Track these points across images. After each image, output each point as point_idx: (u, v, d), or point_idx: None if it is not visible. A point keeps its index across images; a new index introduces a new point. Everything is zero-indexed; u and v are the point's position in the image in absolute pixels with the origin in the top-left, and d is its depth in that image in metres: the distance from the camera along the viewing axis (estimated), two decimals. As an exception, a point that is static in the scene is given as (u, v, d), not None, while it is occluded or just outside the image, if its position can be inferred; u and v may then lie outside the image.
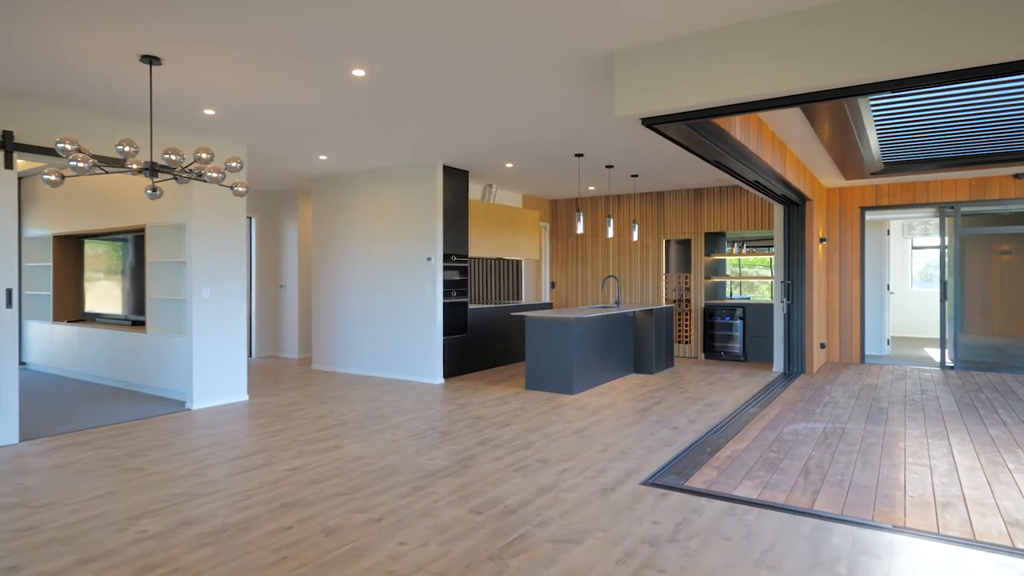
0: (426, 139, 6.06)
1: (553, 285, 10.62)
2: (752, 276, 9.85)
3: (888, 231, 9.27)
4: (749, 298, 9.89)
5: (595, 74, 4.12)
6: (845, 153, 6.43)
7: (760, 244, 9.54)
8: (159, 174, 4.09)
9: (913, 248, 12.28)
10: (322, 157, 6.91)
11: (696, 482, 3.66)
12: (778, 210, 7.94)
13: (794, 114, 5.07)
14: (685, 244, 9.43)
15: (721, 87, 3.38)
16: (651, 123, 3.81)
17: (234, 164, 3.89)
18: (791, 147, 6.19)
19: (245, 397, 6.18)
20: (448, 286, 7.40)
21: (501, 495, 3.45)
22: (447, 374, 7.45)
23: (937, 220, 10.37)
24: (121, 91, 4.49)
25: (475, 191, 8.88)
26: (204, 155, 3.80)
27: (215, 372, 5.89)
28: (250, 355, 9.63)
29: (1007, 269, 8.14)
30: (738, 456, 4.21)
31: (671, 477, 3.76)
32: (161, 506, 3.30)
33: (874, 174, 7.56)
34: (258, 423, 5.18)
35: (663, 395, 6.36)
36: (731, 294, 10.12)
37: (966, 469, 3.92)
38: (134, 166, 3.67)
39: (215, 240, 5.88)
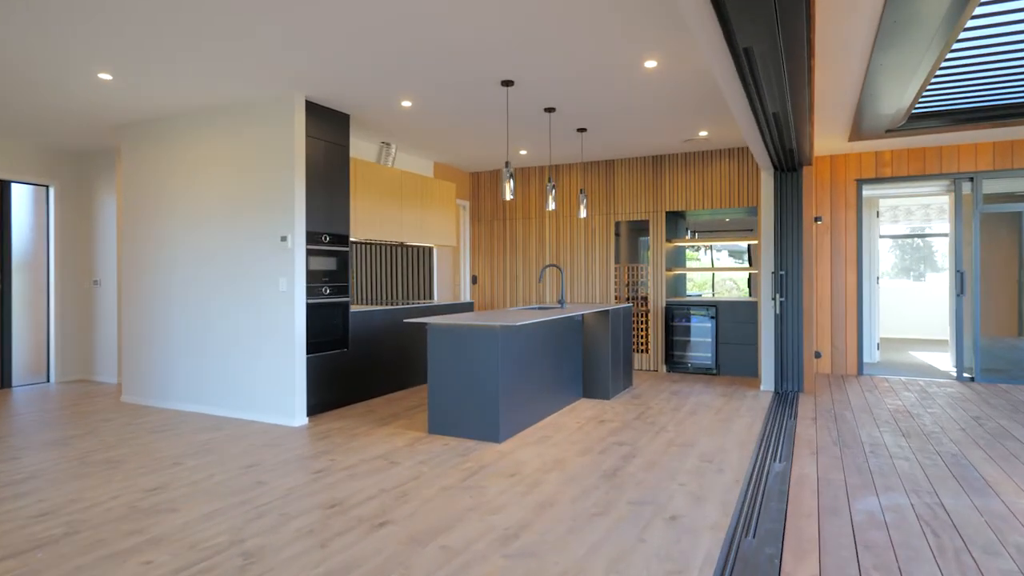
0: (273, 47, 3.68)
1: (475, 280, 8.40)
2: (728, 267, 8.01)
3: (878, 212, 7.67)
4: (710, 295, 8.05)
5: None
6: (878, 94, 4.58)
7: (730, 230, 7.70)
8: None
9: (880, 236, 10.93)
10: (104, 76, 4.37)
11: None
12: (766, 180, 6.08)
13: (872, 13, 3.08)
14: (640, 227, 7.46)
15: None
16: None
17: None
18: (826, 74, 4.25)
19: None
20: (317, 279, 5.03)
21: None
22: (315, 409, 5.08)
23: (945, 199, 8.99)
24: None
25: (366, 150, 6.53)
26: None
27: None
28: (47, 379, 6.83)
29: (1028, 257, 6.66)
30: (819, 601, 2.15)
31: None
32: None
33: (890, 131, 5.81)
34: None
35: (632, 439, 4.29)
36: (698, 290, 8.26)
37: None
38: None
39: None
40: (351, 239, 5.83)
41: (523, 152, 7.10)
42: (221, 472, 3.64)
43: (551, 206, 5.23)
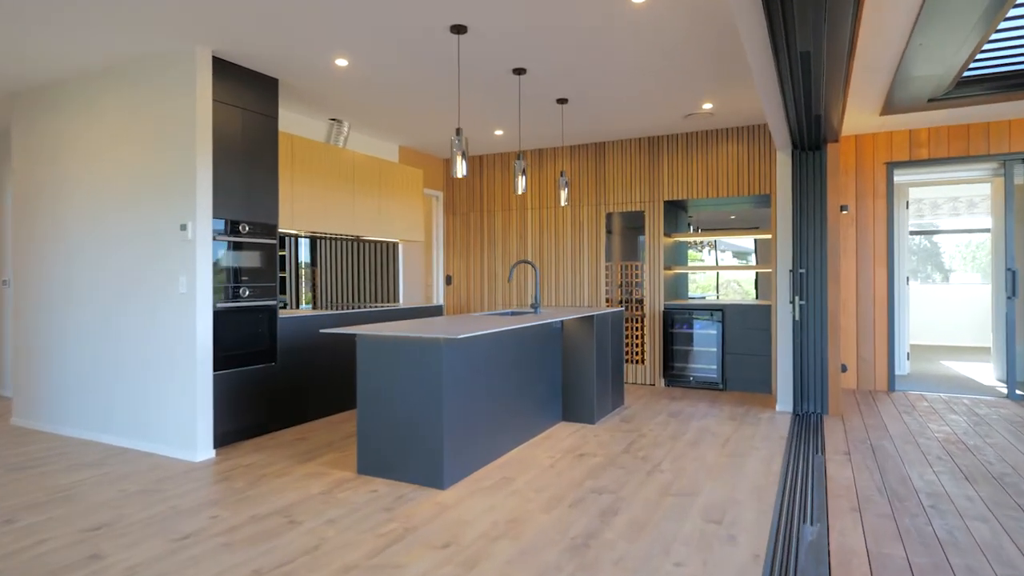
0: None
1: (449, 280, 7.44)
2: (736, 267, 7.04)
3: (907, 203, 6.69)
4: (714, 297, 7.09)
5: None
6: (927, 48, 3.62)
7: (737, 228, 6.74)
8: None
9: (910, 232, 9.93)
10: (-55, 20, 3.44)
11: None
12: (782, 161, 5.11)
13: None
14: (635, 220, 6.50)
15: None
16: None
17: None
18: (864, 24, 3.28)
19: None
20: (233, 279, 4.08)
21: None
22: (229, 438, 4.12)
23: (981, 189, 8.04)
24: None
25: (313, 129, 5.59)
26: None
27: None
28: (-54, 395, 5.90)
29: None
30: None
31: None
32: None
33: (933, 101, 4.84)
34: None
35: (617, 483, 3.32)
36: (702, 292, 7.30)
37: None
38: None
39: None
40: (282, 230, 4.89)
41: (498, 132, 6.15)
42: (56, 536, 2.69)
43: (520, 188, 4.28)
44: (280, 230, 4.82)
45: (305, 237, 5.60)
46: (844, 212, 5.95)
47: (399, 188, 6.08)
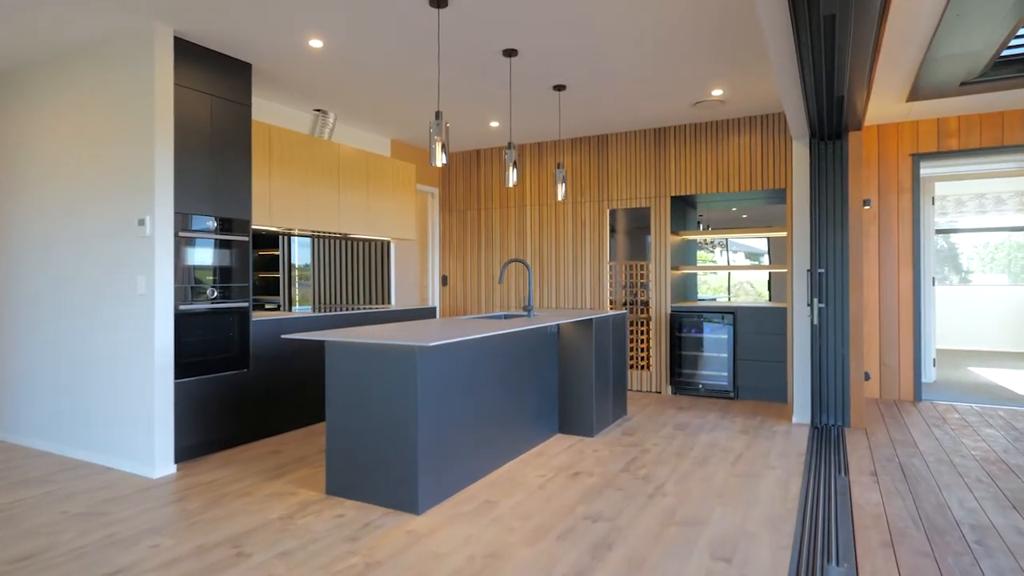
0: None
1: (445, 281, 7.10)
2: (749, 266, 6.63)
3: (933, 199, 6.24)
4: (726, 299, 6.68)
5: None
6: (964, 20, 3.22)
7: (748, 226, 6.34)
8: None
9: (936, 231, 9.45)
10: None
11: None
12: (799, 152, 4.71)
13: None
14: (641, 217, 6.11)
15: None
16: None
17: None
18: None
19: None
20: (198, 278, 3.76)
21: None
22: (195, 451, 3.79)
23: (1012, 184, 7.58)
24: None
25: (297, 120, 5.26)
26: None
27: None
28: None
29: None
30: None
31: None
32: None
33: (966, 84, 4.43)
34: None
35: (614, 509, 2.95)
36: (712, 293, 6.89)
37: None
38: None
39: None
40: (267, 228, 4.56)
41: (494, 124, 5.79)
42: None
43: (511, 180, 3.92)
44: (260, 227, 4.50)
45: (298, 236, 5.28)
46: (867, 208, 5.53)
47: (390, 183, 5.74)
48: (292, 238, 5.29)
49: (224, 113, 3.94)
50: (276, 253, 5.21)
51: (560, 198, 4.64)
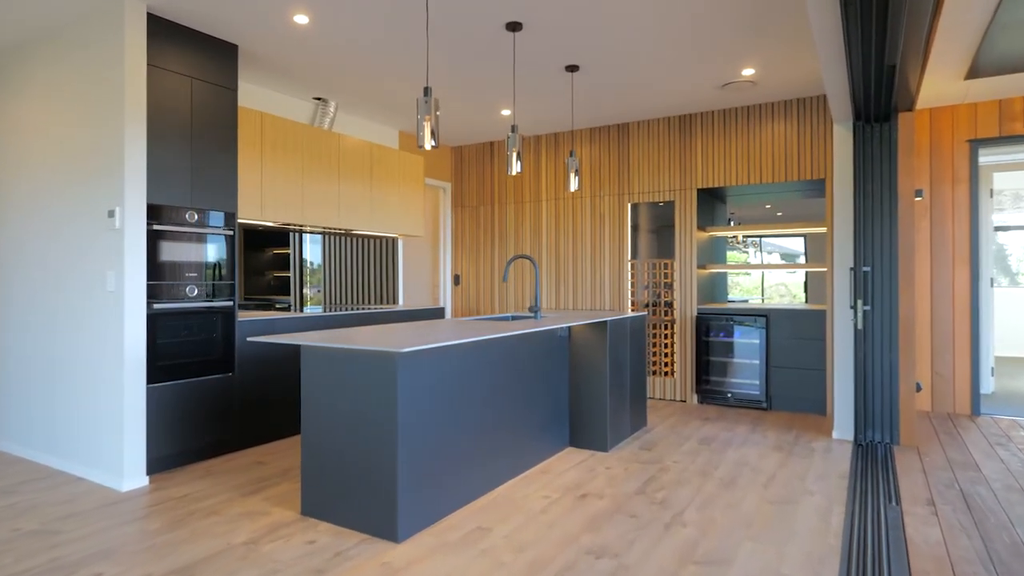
0: None
1: (457, 280, 6.76)
2: (783, 265, 6.12)
3: (991, 191, 5.65)
4: (759, 301, 6.18)
5: None
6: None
7: (784, 222, 5.84)
8: None
9: (995, 228, 8.75)
10: None
11: None
12: (842, 136, 4.23)
13: None
14: (665, 210, 5.67)
15: None
16: None
17: None
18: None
19: None
20: (176, 275, 3.48)
21: None
22: (172, 461, 3.51)
23: None
24: None
25: (296, 109, 4.98)
26: None
27: None
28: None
29: None
30: None
31: None
32: None
33: (1037, 56, 3.89)
34: None
35: (623, 541, 2.54)
36: (744, 295, 6.41)
37: None
38: None
39: None
40: (256, 222, 4.28)
41: (505, 112, 5.42)
42: None
43: (514, 169, 3.55)
44: (255, 221, 4.22)
45: (309, 233, 5.00)
46: (918, 199, 5.00)
47: (395, 177, 5.42)
48: (304, 235, 5.01)
49: (206, 98, 3.66)
50: (287, 252, 4.94)
51: (573, 188, 4.25)
